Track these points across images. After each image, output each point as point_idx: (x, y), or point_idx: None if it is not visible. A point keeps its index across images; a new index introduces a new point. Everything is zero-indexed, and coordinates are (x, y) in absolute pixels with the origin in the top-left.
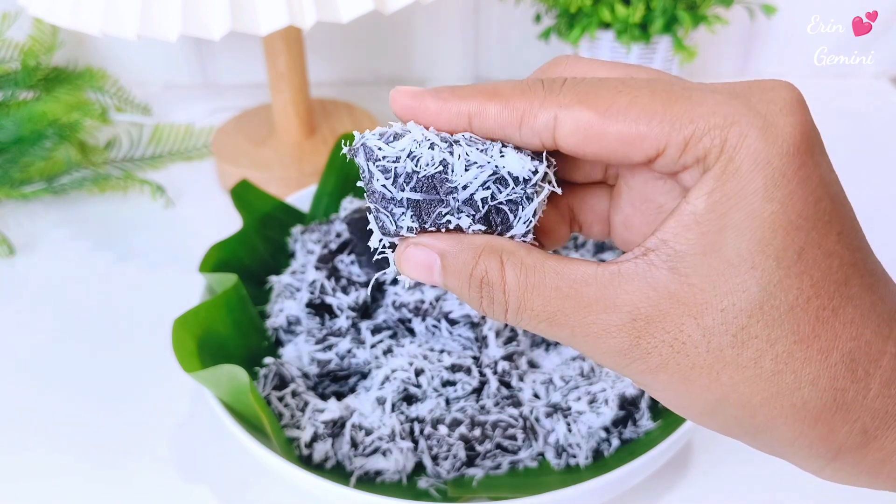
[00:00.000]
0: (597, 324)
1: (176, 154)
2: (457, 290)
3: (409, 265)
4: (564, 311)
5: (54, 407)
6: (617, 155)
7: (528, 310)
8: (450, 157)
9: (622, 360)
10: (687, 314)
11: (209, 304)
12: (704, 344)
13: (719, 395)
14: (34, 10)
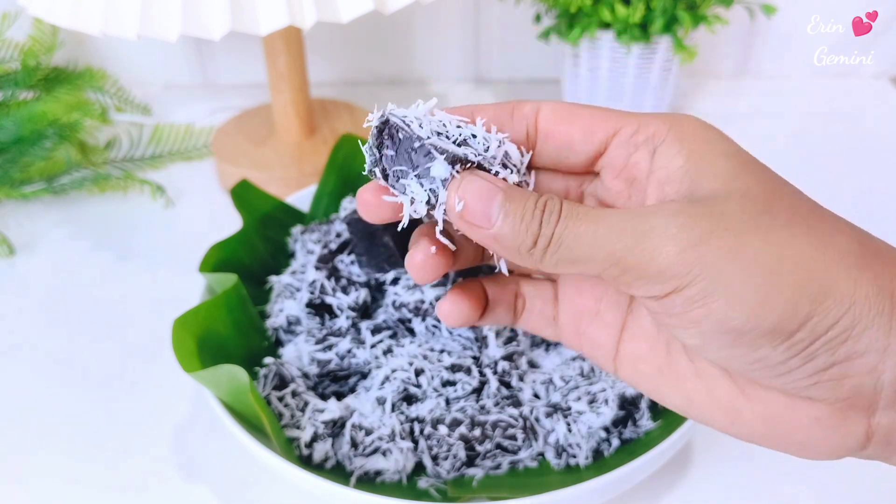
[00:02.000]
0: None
1: (176, 154)
2: (513, 218)
3: (470, 190)
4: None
5: (54, 407)
6: (583, 133)
7: (573, 218)
8: (465, 129)
9: (670, 232)
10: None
11: (209, 304)
12: (742, 214)
13: (774, 258)
14: (34, 10)
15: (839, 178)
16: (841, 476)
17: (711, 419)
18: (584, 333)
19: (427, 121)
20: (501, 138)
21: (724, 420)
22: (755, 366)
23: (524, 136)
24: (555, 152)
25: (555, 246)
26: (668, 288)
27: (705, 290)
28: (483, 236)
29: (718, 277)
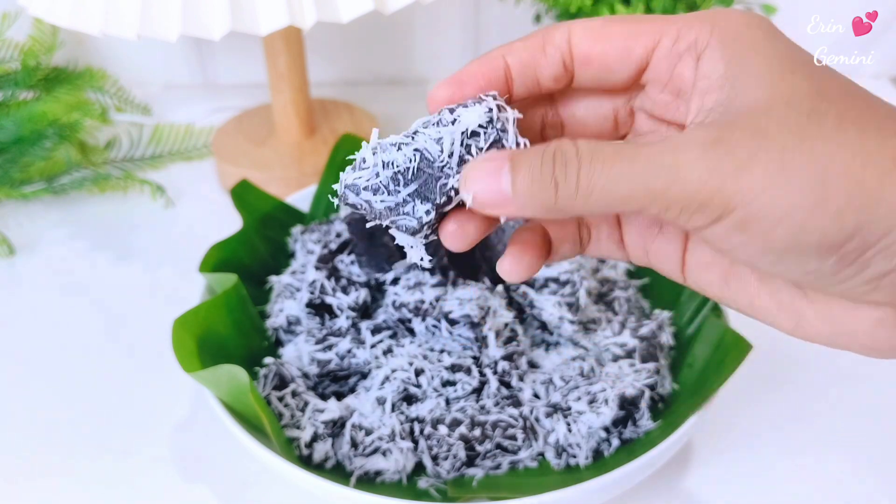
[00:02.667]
0: (675, 142)
1: (176, 154)
2: (525, 183)
3: (477, 175)
4: (637, 149)
5: (54, 407)
6: (620, 51)
7: (601, 155)
8: (419, 142)
9: (709, 163)
10: (759, 115)
11: (209, 304)
12: (784, 126)
13: (820, 171)
14: (34, 10)
15: None
16: (840, 476)
17: (776, 322)
18: (651, 250)
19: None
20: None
21: (788, 323)
22: (809, 277)
23: (561, 69)
24: (595, 75)
25: (585, 191)
26: (710, 219)
27: (746, 216)
28: (508, 214)
29: (758, 202)
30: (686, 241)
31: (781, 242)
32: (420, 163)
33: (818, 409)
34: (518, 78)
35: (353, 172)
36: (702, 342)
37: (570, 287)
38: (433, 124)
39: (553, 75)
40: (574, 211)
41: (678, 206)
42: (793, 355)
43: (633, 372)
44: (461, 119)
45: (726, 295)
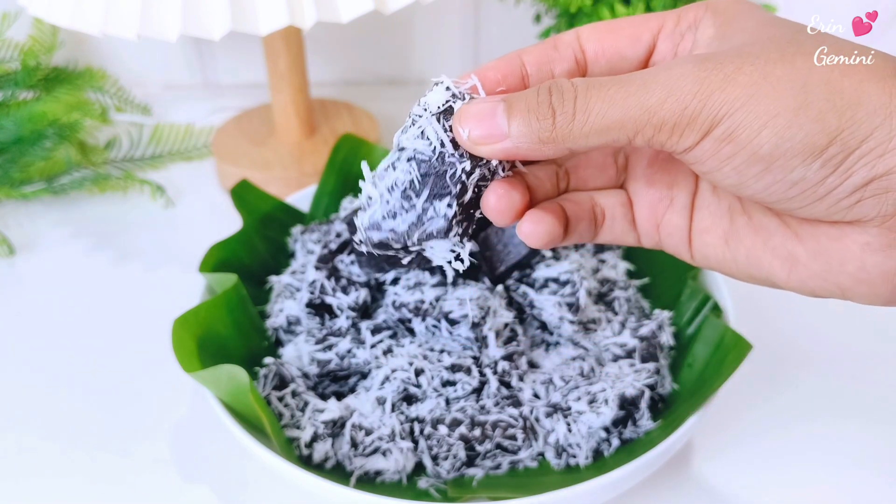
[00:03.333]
0: (667, 63)
1: (176, 154)
2: (521, 115)
3: (471, 114)
4: (630, 75)
5: (54, 407)
6: (630, 39)
7: (596, 84)
8: (408, 150)
9: (699, 75)
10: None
11: (209, 304)
12: (767, 48)
13: (800, 79)
14: (34, 10)
15: None
16: (841, 476)
17: (772, 273)
18: (661, 222)
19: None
20: None
21: (782, 270)
22: (794, 191)
23: (574, 65)
24: (608, 66)
25: (582, 116)
26: (700, 133)
27: (732, 125)
28: (505, 150)
29: (743, 110)
30: (692, 210)
31: (767, 147)
32: (420, 168)
33: (818, 409)
34: (534, 75)
35: (365, 213)
36: (702, 342)
37: (570, 287)
38: (410, 126)
39: (567, 70)
40: (570, 140)
41: (671, 121)
42: (793, 355)
43: (633, 372)
44: (428, 104)
45: (727, 256)
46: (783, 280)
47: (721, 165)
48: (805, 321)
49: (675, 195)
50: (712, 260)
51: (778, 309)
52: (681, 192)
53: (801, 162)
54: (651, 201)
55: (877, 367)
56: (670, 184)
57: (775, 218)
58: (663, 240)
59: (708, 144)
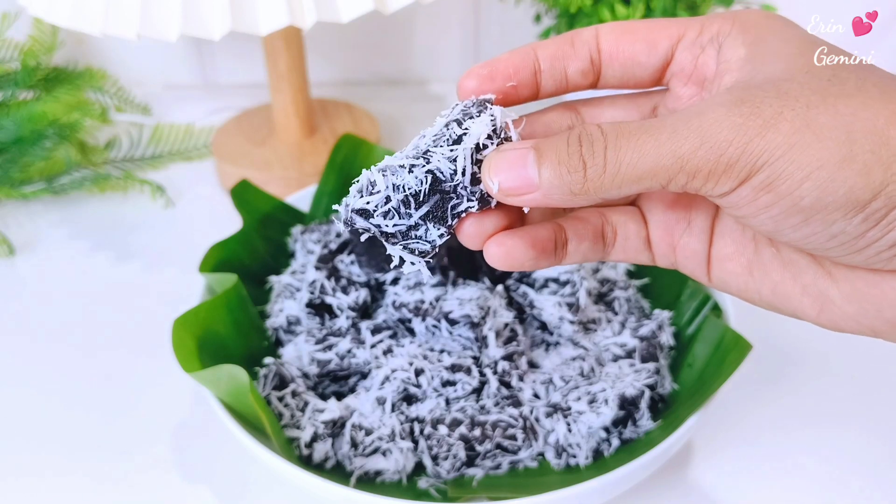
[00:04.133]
0: (699, 106)
1: (176, 154)
2: (552, 167)
3: (501, 163)
4: (661, 121)
5: (54, 407)
6: (647, 45)
7: (626, 131)
8: (433, 162)
9: (735, 121)
10: (781, 81)
11: (209, 304)
12: (807, 88)
13: (845, 127)
14: (34, 10)
15: None
16: (840, 477)
17: (800, 308)
18: (678, 245)
19: (381, 177)
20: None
21: (812, 308)
22: (833, 242)
23: (589, 64)
24: (621, 71)
25: (613, 168)
26: (737, 180)
27: (772, 174)
28: (534, 201)
29: (784, 159)
30: (712, 234)
31: (808, 199)
32: (432, 184)
33: (818, 409)
34: (547, 71)
35: (361, 197)
36: (702, 342)
37: (570, 287)
38: (445, 141)
39: (581, 69)
40: (602, 191)
41: (706, 169)
42: (793, 355)
43: (633, 372)
44: (471, 132)
45: (750, 286)
46: (812, 318)
47: (758, 213)
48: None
49: (694, 218)
50: (733, 287)
51: None
52: (699, 216)
53: (842, 216)
54: (667, 223)
55: (877, 367)
56: (688, 206)
57: (807, 255)
58: (679, 262)
59: (745, 192)
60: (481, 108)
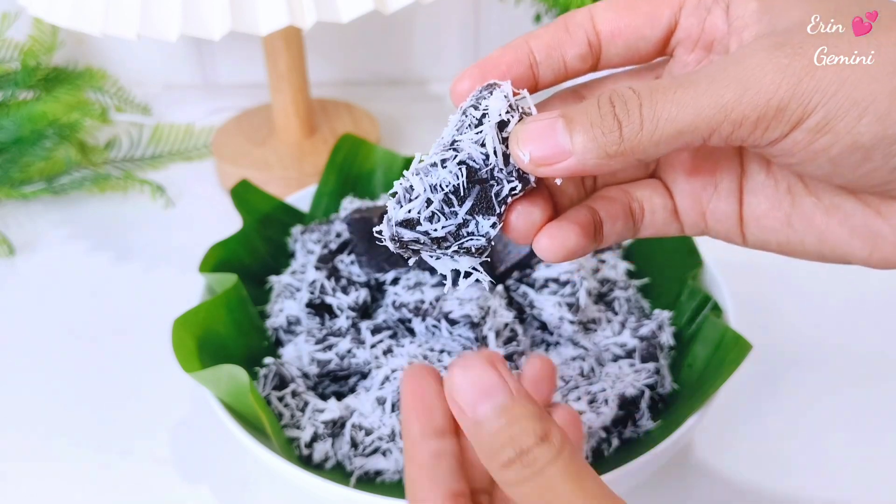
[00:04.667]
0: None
1: (176, 154)
2: (584, 130)
3: (530, 135)
4: (696, 73)
5: (54, 407)
6: (648, 17)
7: (661, 87)
8: (464, 151)
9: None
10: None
11: (209, 304)
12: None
13: (891, 57)
14: (34, 10)
15: None
16: (841, 476)
17: (850, 252)
18: (708, 211)
19: (419, 181)
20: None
21: (863, 249)
22: (893, 174)
23: (587, 48)
24: (624, 48)
25: (651, 125)
26: (789, 125)
27: (827, 114)
28: (568, 168)
29: (838, 96)
30: (741, 194)
31: (868, 135)
32: (469, 175)
33: (818, 409)
34: (544, 62)
35: (401, 207)
36: (702, 342)
37: (570, 287)
38: (468, 127)
39: (579, 54)
40: (641, 151)
41: (754, 116)
42: (793, 355)
43: (633, 372)
44: (490, 109)
45: (792, 239)
46: (863, 259)
47: (814, 157)
48: (805, 321)
49: (720, 181)
50: (773, 244)
51: (778, 309)
52: (725, 178)
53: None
54: (693, 190)
55: (877, 367)
56: (712, 170)
57: (851, 197)
58: (711, 227)
59: (800, 136)
60: (492, 89)
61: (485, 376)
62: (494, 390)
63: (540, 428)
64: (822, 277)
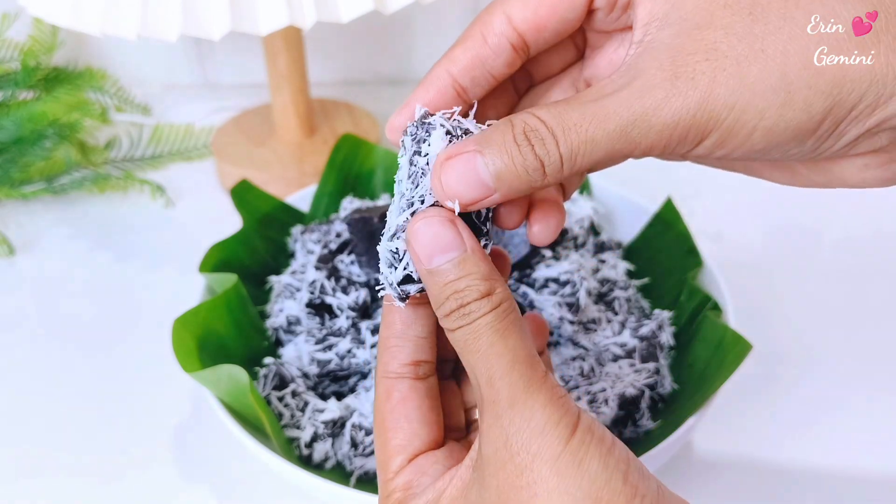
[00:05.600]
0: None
1: (176, 154)
2: (508, 171)
3: (453, 177)
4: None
5: (54, 407)
6: (567, 3)
7: (571, 122)
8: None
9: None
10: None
11: (209, 304)
12: (732, 35)
13: (778, 71)
14: (34, 10)
15: None
16: (841, 476)
17: (772, 178)
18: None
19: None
20: None
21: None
22: (792, 157)
23: (513, 54)
24: (554, 34)
25: (569, 162)
26: (692, 145)
27: (722, 135)
28: (494, 202)
29: (729, 120)
30: None
31: (760, 144)
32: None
33: (818, 409)
34: (470, 84)
35: (395, 269)
36: (702, 342)
37: (570, 287)
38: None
39: (505, 62)
40: (561, 179)
41: (661, 144)
42: (793, 355)
43: (633, 372)
44: (431, 156)
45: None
46: (785, 182)
47: (720, 157)
48: (805, 321)
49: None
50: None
51: (778, 309)
52: None
53: (796, 144)
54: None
55: (877, 367)
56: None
57: None
58: None
59: (703, 149)
60: (427, 128)
61: (444, 232)
62: (451, 246)
63: (485, 286)
64: (823, 277)
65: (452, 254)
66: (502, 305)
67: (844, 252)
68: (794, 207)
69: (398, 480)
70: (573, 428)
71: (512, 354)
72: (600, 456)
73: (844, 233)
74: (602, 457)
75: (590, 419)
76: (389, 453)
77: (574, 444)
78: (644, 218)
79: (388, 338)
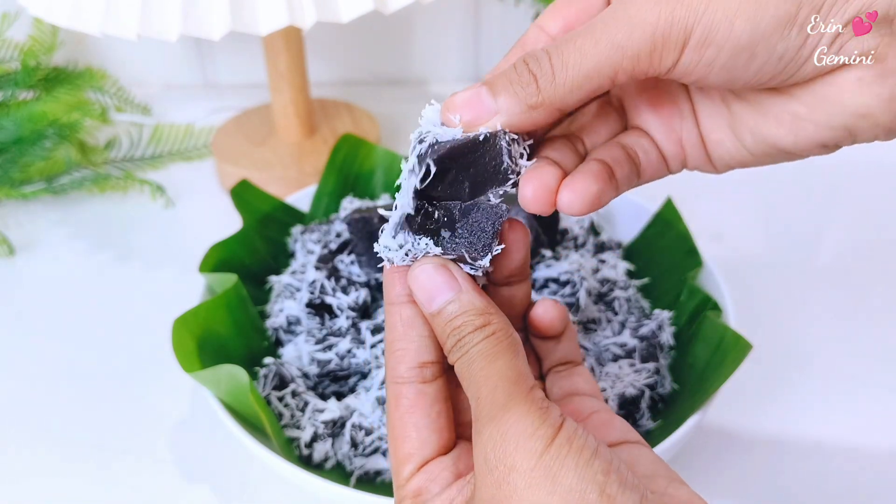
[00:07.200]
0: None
1: (176, 154)
2: (505, 89)
3: (456, 105)
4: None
5: (54, 407)
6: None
7: (562, 41)
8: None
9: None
10: None
11: (209, 304)
12: None
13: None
14: (34, 10)
15: (838, 179)
16: (841, 477)
17: (779, 138)
18: (682, 138)
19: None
20: None
21: (788, 136)
22: (783, 63)
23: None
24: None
25: (561, 73)
26: (678, 48)
27: (704, 29)
28: (496, 122)
29: (709, 11)
30: (696, 115)
31: (745, 35)
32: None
33: (818, 410)
34: None
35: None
36: (702, 342)
37: (570, 287)
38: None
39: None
40: (558, 98)
41: (646, 48)
42: (793, 355)
43: (633, 372)
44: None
45: (738, 147)
46: (792, 145)
47: (709, 70)
48: (805, 321)
49: (682, 108)
50: (728, 158)
51: (778, 309)
52: (683, 105)
53: (779, 36)
54: (662, 122)
55: (876, 367)
56: (672, 100)
57: (768, 92)
58: (689, 156)
59: (689, 55)
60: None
61: (437, 276)
62: (446, 286)
63: (480, 320)
64: (823, 277)
65: (449, 294)
66: (496, 334)
67: (844, 252)
68: (795, 207)
69: (409, 487)
70: (551, 438)
71: (498, 375)
72: (576, 467)
73: (844, 233)
74: (578, 468)
75: (573, 428)
76: (400, 460)
77: (549, 456)
78: (644, 218)
79: (392, 342)
